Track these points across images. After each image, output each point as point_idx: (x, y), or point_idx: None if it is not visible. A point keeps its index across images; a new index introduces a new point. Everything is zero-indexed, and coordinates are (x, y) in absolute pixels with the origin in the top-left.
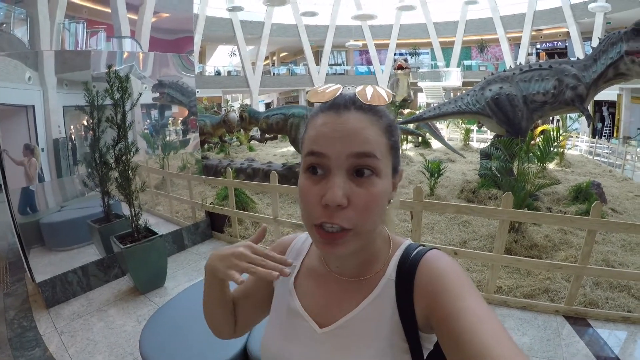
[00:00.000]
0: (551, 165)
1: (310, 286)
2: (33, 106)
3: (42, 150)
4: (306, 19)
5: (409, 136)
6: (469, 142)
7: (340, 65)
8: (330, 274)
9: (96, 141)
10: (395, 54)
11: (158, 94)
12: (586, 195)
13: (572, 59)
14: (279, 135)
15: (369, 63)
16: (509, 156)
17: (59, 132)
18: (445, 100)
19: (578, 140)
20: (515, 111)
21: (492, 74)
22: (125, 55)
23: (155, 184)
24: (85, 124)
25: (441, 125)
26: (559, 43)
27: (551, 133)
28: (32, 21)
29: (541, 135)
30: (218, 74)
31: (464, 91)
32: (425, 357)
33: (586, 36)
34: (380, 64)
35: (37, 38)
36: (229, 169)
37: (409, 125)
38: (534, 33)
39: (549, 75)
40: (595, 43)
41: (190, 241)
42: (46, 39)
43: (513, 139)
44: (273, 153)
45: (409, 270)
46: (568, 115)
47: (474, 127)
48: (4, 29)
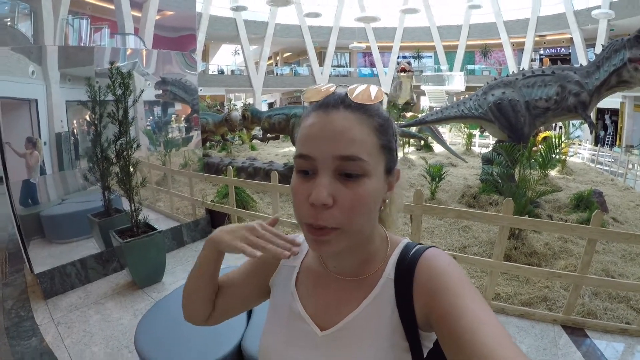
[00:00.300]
0: (553, 173)
1: (309, 287)
2: (36, 100)
3: (45, 143)
4: (310, 20)
5: (411, 139)
6: (471, 147)
7: (343, 66)
8: (328, 273)
9: (98, 136)
10: (398, 57)
11: (161, 91)
12: (587, 203)
13: (575, 65)
14: (280, 135)
15: (373, 65)
16: (510, 162)
17: (62, 127)
18: (448, 104)
19: (580, 148)
20: (517, 117)
21: (495, 79)
22: (128, 52)
23: (157, 180)
24: (88, 119)
25: (443, 129)
26: (562, 49)
27: (553, 140)
28: (36, 16)
29: (543, 142)
30: (221, 72)
31: (467, 95)
32: (425, 356)
33: (589, 43)
34: (384, 67)
35: (41, 33)
36: (230, 167)
37: (411, 128)
38: (537, 39)
39: (552, 81)
40: (598, 50)
41: (189, 238)
42: (50, 34)
43: (515, 144)
44: (275, 153)
45: (407, 268)
46: (571, 122)
47: (477, 132)
48: (8, 23)
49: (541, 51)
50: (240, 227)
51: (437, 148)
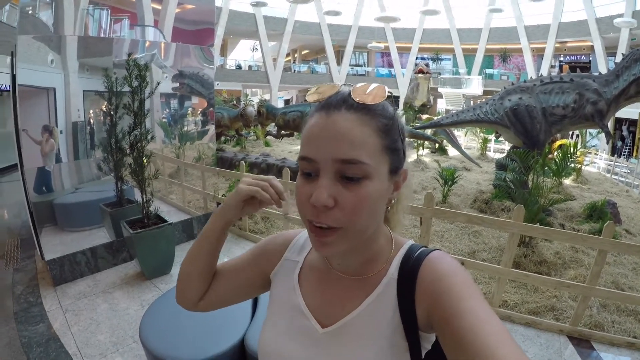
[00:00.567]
0: (567, 181)
1: (312, 283)
2: (54, 89)
3: (61, 132)
4: (329, 18)
5: (426, 142)
6: (486, 152)
7: (361, 66)
8: (332, 271)
9: (113, 127)
10: (417, 58)
11: (178, 84)
12: (601, 214)
13: (594, 73)
14: (295, 132)
15: (390, 66)
16: (524, 168)
17: (78, 116)
18: (464, 108)
19: (596, 158)
20: (533, 123)
21: (513, 84)
22: (147, 44)
23: (170, 172)
24: (104, 109)
25: (459, 133)
26: (583, 57)
27: (569, 148)
28: (57, 6)
29: (559, 150)
30: (239, 67)
31: (484, 99)
32: (422, 357)
33: (610, 51)
34: (402, 68)
35: (61, 22)
36: (243, 162)
37: (426, 130)
38: (557, 45)
39: (570, 88)
40: (619, 59)
41: (200, 231)
42: (70, 24)
43: (529, 151)
44: (289, 150)
45: (411, 269)
46: (588, 131)
47: (492, 137)
48: (30, 12)
49: (561, 58)
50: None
51: (452, 151)
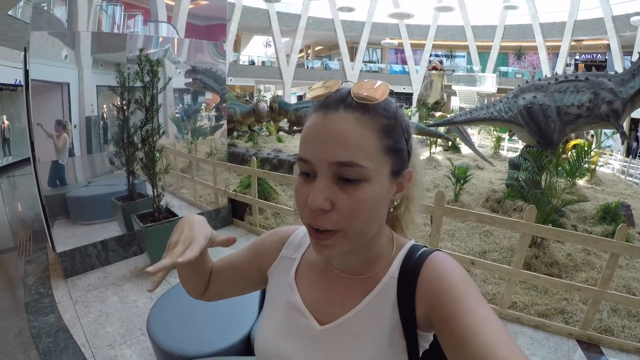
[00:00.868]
0: (581, 182)
1: (310, 281)
2: (68, 84)
3: (75, 126)
4: (343, 14)
5: (439, 139)
6: (500, 151)
7: (374, 62)
8: (331, 270)
9: (125, 122)
10: (430, 55)
11: (190, 80)
12: (614, 216)
13: (610, 72)
14: None
15: (404, 62)
16: (537, 168)
17: (92, 111)
18: (478, 106)
19: (611, 158)
20: (547, 122)
21: (527, 82)
22: (160, 39)
23: (182, 167)
24: (116, 104)
25: (472, 131)
26: (599, 55)
27: (584, 148)
28: (71, 2)
29: (573, 150)
30: (252, 63)
31: (498, 97)
32: (420, 356)
33: (627, 50)
34: (415, 64)
35: (75, 18)
36: (254, 158)
37: (439, 128)
38: (573, 43)
39: (585, 87)
40: (635, 57)
41: (210, 226)
42: (84, 20)
43: (543, 150)
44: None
45: (412, 269)
46: (602, 131)
47: (506, 136)
48: (45, 8)
49: (577, 56)
50: (182, 230)
51: (465, 150)
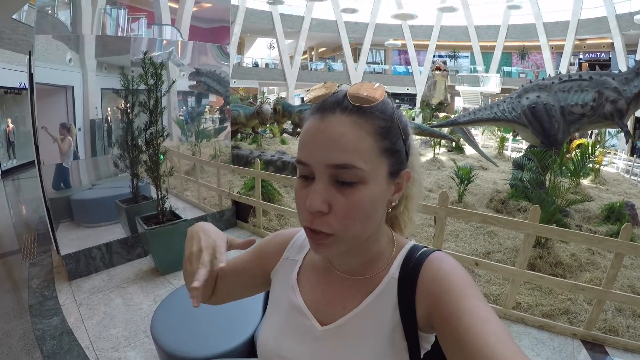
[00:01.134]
0: (585, 181)
1: (312, 282)
2: (72, 87)
3: (79, 129)
4: (346, 16)
5: (443, 140)
6: (504, 151)
7: (378, 64)
8: (332, 271)
9: (129, 124)
10: (434, 56)
11: (194, 82)
12: (619, 215)
13: (614, 71)
14: None
15: (408, 63)
16: (541, 168)
17: (96, 114)
18: (481, 106)
19: (615, 158)
20: (551, 122)
21: (531, 82)
22: (164, 42)
23: (186, 169)
24: (121, 107)
25: (476, 132)
26: (603, 54)
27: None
28: (75, 5)
29: (577, 149)
30: (256, 65)
31: (502, 98)
32: (421, 357)
33: (631, 49)
34: (419, 65)
35: (79, 22)
36: (258, 160)
37: (443, 129)
38: (577, 42)
39: (589, 86)
40: (639, 56)
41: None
42: (88, 23)
43: (547, 150)
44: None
45: (413, 269)
46: (607, 130)
47: (509, 136)
48: (49, 12)
49: (580, 55)
50: (199, 238)
51: (469, 150)
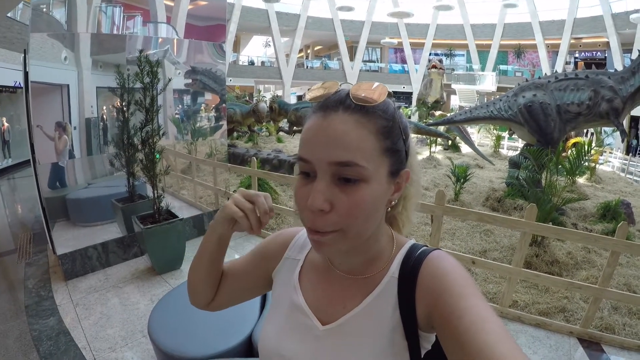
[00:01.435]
0: (581, 180)
1: (313, 282)
2: (68, 85)
3: (75, 128)
4: (342, 14)
5: (439, 139)
6: (500, 149)
7: (374, 62)
8: (333, 270)
9: (125, 123)
10: (430, 54)
11: (190, 80)
12: (614, 214)
13: (610, 70)
14: None
15: (404, 61)
16: (537, 167)
17: (91, 112)
18: (478, 105)
19: (611, 156)
20: (547, 120)
21: (527, 81)
22: (160, 40)
23: (182, 168)
24: (116, 105)
25: (472, 130)
26: (598, 53)
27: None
28: (70, 3)
29: (573, 148)
30: (252, 63)
31: (498, 96)
32: (422, 356)
33: (627, 48)
34: (415, 63)
35: (75, 20)
36: (254, 158)
37: (439, 127)
38: (573, 41)
39: (585, 85)
40: (635, 55)
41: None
42: (83, 22)
43: (543, 149)
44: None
45: (412, 268)
46: (603, 129)
47: (505, 134)
48: (44, 10)
49: (576, 54)
50: (239, 195)
51: (465, 149)
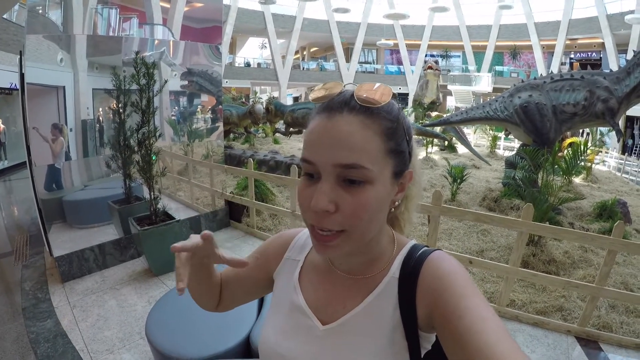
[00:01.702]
0: (577, 180)
1: (313, 282)
2: (64, 87)
3: (71, 130)
4: (338, 15)
5: (435, 139)
6: (496, 150)
7: (370, 63)
8: (333, 270)
9: (121, 124)
10: (426, 56)
11: (186, 82)
12: (611, 213)
13: (605, 71)
14: (303, 130)
15: (400, 63)
16: (533, 167)
17: (87, 114)
18: (474, 105)
19: (607, 156)
20: (543, 121)
21: (523, 81)
22: (156, 42)
23: (179, 170)
24: (112, 107)
25: (468, 131)
26: (594, 54)
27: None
28: (66, 5)
29: (569, 148)
30: (248, 65)
31: (494, 97)
32: (422, 357)
33: (622, 48)
34: (411, 65)
35: (71, 22)
36: (251, 160)
37: (435, 128)
38: (568, 42)
39: (580, 86)
40: (630, 56)
41: (207, 228)
42: (79, 23)
43: (539, 149)
44: (297, 147)
45: (413, 269)
46: (598, 129)
47: (502, 135)
48: (40, 11)
49: (572, 55)
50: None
51: (461, 149)
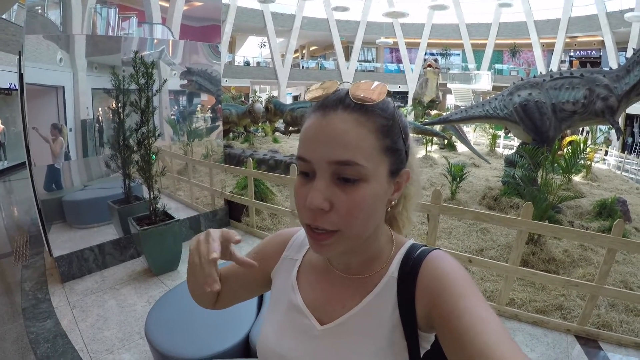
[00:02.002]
0: (577, 178)
1: (311, 282)
2: (63, 87)
3: (70, 130)
4: (337, 14)
5: (434, 138)
6: (495, 148)
7: (369, 62)
8: (331, 270)
9: (121, 124)
10: (425, 54)
11: (186, 81)
12: (610, 211)
13: (605, 68)
14: None
15: (399, 61)
16: (533, 165)
17: (87, 114)
18: (473, 104)
19: (607, 154)
20: (543, 119)
21: (522, 80)
22: (155, 41)
23: (178, 169)
24: (112, 107)
25: (468, 129)
26: (593, 52)
27: (580, 145)
28: (65, 5)
29: (568, 146)
30: (247, 64)
31: (493, 95)
32: (421, 357)
33: (621, 46)
34: (411, 63)
35: (70, 21)
36: (250, 159)
37: (435, 126)
38: (568, 40)
39: (580, 84)
40: (630, 54)
41: (207, 228)
42: (78, 23)
43: (539, 147)
44: (297, 146)
45: (412, 268)
46: (598, 127)
47: (501, 133)
48: (39, 11)
49: (571, 53)
50: (195, 245)
51: (461, 148)
